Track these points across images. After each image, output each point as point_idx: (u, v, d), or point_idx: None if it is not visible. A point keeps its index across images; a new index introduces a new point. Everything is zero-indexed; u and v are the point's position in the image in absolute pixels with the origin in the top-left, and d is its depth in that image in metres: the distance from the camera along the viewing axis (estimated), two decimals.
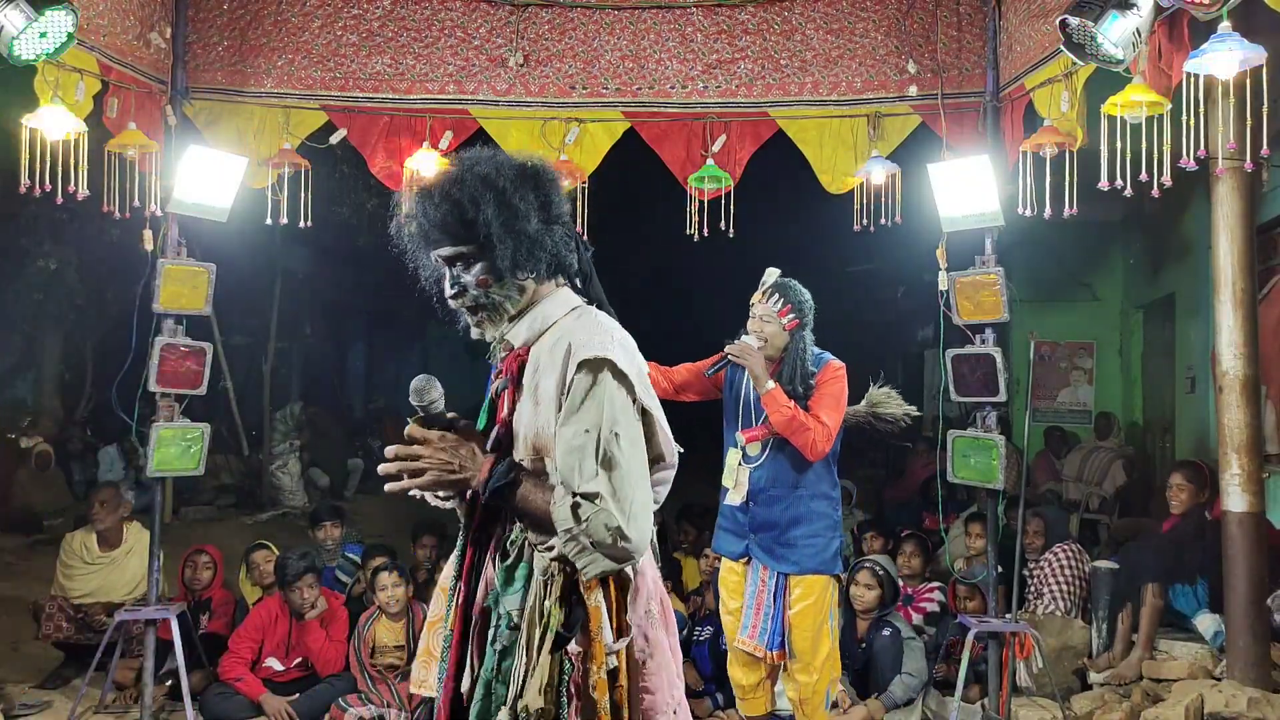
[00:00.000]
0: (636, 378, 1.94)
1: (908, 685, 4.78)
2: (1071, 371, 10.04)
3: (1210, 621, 5.05)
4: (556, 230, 2.04)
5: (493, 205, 1.96)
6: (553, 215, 2.04)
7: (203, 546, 5.59)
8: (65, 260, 9.31)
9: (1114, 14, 3.30)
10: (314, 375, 15.07)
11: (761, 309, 3.77)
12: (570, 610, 1.94)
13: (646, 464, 1.94)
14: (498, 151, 2.10)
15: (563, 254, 2.05)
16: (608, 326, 2.01)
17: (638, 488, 1.88)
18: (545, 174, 2.06)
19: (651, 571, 2.07)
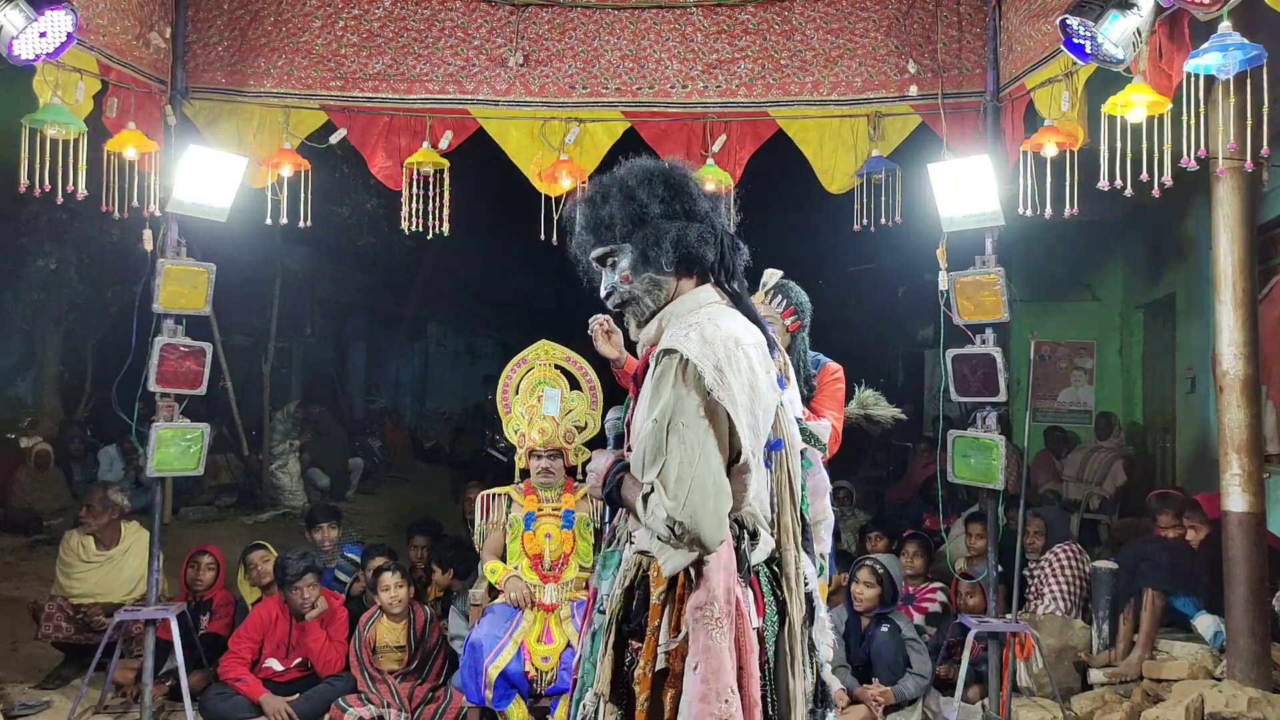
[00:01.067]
0: (711, 369, 1.92)
1: (918, 684, 4.79)
2: (1072, 371, 10.03)
3: (1210, 621, 5.05)
4: (689, 226, 2.06)
5: (618, 201, 2.07)
6: (683, 210, 2.08)
7: (206, 547, 5.59)
8: (65, 260, 9.30)
9: (1114, 14, 3.30)
10: (314, 375, 15.04)
11: (765, 310, 3.74)
12: (633, 602, 2.02)
13: (715, 457, 1.91)
14: (651, 158, 2.18)
15: (695, 248, 2.06)
16: (706, 324, 2.00)
17: (697, 479, 1.88)
18: (675, 172, 2.12)
19: (722, 578, 1.96)
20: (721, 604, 1.94)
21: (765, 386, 2.03)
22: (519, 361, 4.95)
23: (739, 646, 1.97)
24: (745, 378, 1.96)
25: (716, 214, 2.14)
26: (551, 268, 18.22)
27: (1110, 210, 8.14)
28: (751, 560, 2.05)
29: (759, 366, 2.02)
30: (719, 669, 1.91)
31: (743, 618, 1.99)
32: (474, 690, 4.30)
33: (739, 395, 1.94)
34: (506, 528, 4.68)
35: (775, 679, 2.07)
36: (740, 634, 1.97)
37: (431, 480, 13.02)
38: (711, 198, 2.17)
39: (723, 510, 1.91)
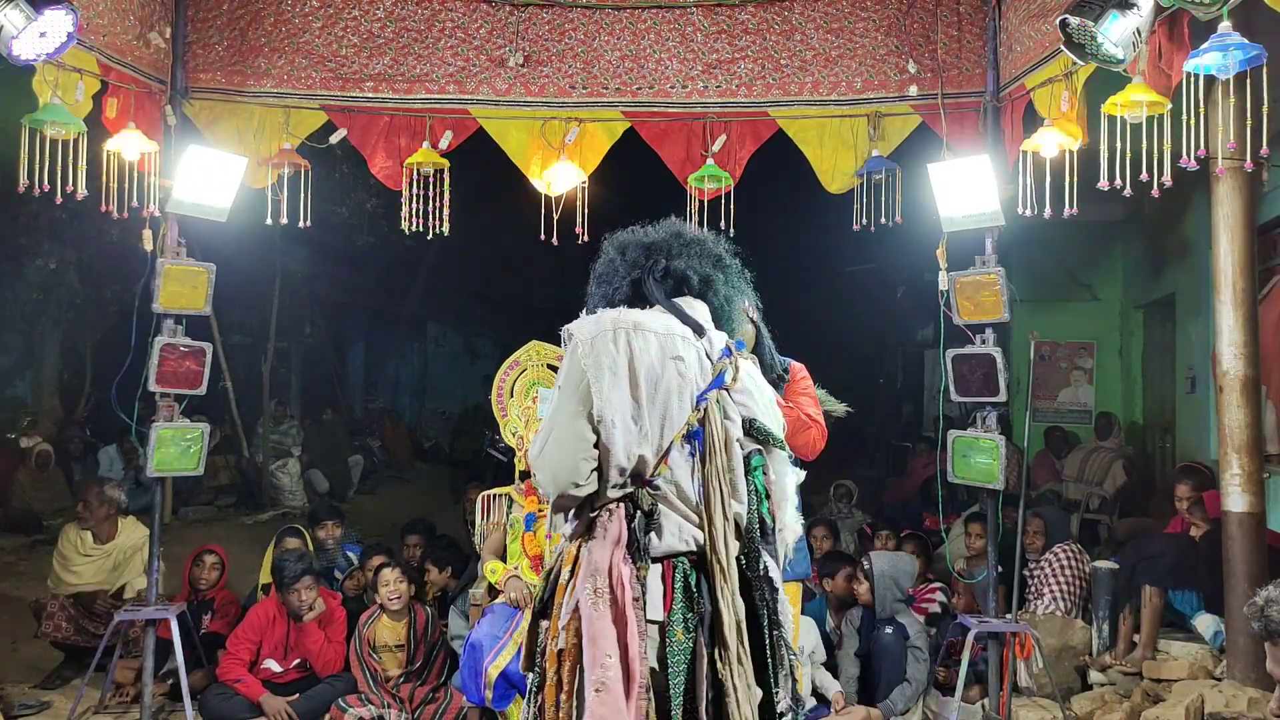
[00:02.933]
0: (587, 340, 2.19)
1: (908, 696, 4.78)
2: (1071, 371, 10.03)
3: (1210, 621, 5.05)
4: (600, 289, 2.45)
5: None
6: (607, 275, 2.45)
7: (211, 547, 5.59)
8: (65, 260, 9.30)
9: (1114, 14, 3.30)
10: (314, 375, 15.05)
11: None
12: (548, 588, 2.23)
13: (572, 411, 2.15)
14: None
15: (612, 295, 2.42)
16: (616, 311, 2.30)
17: (554, 431, 2.15)
18: (605, 245, 2.49)
19: (602, 553, 2.12)
20: (603, 578, 2.10)
21: (666, 369, 2.19)
22: (512, 364, 4.94)
23: (619, 623, 2.07)
24: (626, 352, 2.17)
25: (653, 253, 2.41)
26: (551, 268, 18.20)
27: (1110, 210, 8.16)
28: (646, 542, 2.13)
29: (656, 349, 2.20)
30: (595, 635, 2.06)
31: (625, 594, 2.08)
32: (474, 690, 4.29)
33: (606, 362, 2.16)
34: (507, 528, 4.67)
35: (695, 678, 2.10)
36: (620, 611, 2.08)
37: (431, 480, 13.04)
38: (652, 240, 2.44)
39: (575, 455, 2.11)
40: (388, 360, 18.12)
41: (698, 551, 2.18)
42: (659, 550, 2.16)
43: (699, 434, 2.22)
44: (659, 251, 2.41)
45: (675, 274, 2.38)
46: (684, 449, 2.21)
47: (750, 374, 2.39)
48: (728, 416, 2.26)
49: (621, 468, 2.14)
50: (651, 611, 2.13)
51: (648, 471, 2.17)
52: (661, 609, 2.13)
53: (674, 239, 2.44)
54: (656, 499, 2.18)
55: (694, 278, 2.40)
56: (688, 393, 2.21)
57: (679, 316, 2.31)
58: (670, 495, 2.19)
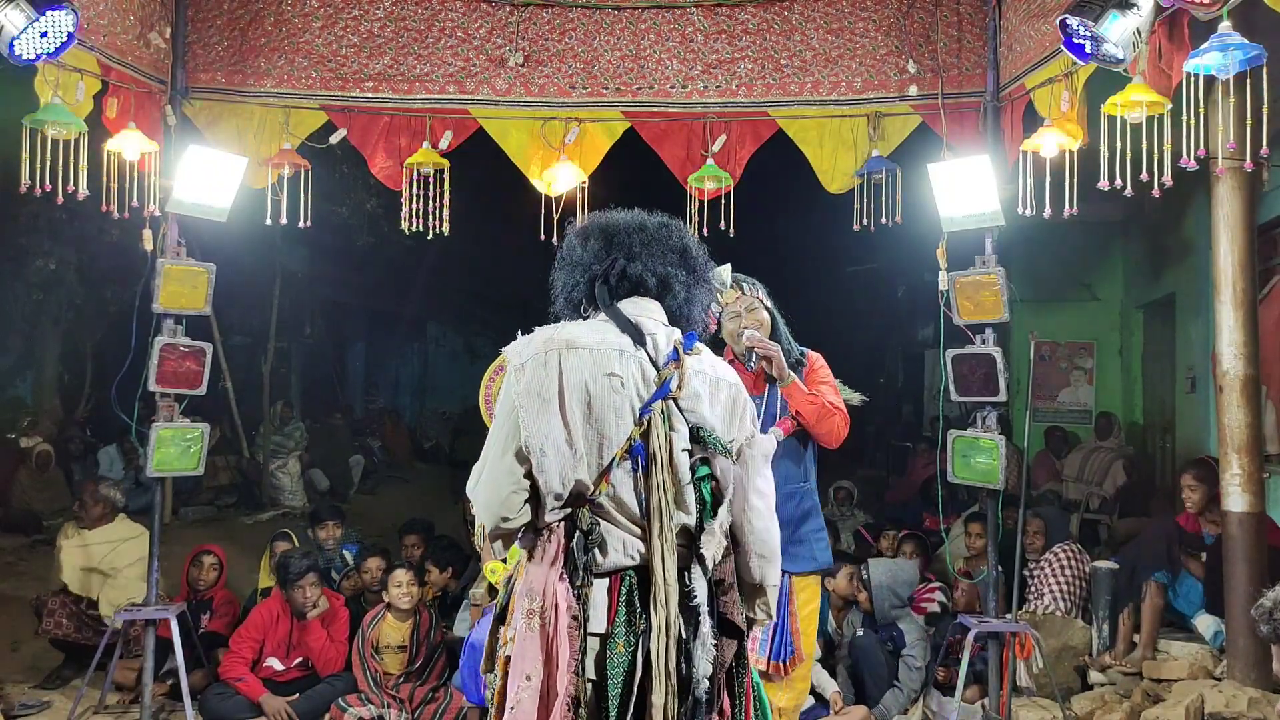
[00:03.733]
0: (516, 366, 2.19)
1: (901, 701, 4.79)
2: (1071, 371, 10.04)
3: (1210, 621, 5.05)
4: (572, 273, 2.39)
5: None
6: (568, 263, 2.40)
7: (210, 547, 5.59)
8: (65, 260, 9.29)
9: (1114, 14, 3.30)
10: (314, 375, 15.06)
11: (745, 302, 3.62)
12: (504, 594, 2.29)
13: (506, 442, 2.15)
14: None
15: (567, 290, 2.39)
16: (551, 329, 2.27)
17: (487, 463, 2.18)
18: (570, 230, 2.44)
19: (538, 574, 2.17)
20: (536, 596, 2.15)
21: (599, 387, 2.16)
22: (499, 367, 4.93)
23: (550, 641, 2.12)
24: (555, 373, 2.16)
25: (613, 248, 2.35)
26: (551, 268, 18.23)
27: (1110, 210, 8.16)
28: (585, 561, 2.13)
29: (589, 367, 2.17)
30: (520, 655, 2.14)
31: (560, 615, 2.12)
32: (474, 690, 4.29)
33: (534, 387, 2.15)
34: None
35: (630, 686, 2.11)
36: (553, 629, 2.12)
37: (431, 480, 13.03)
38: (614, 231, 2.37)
39: (503, 490, 2.13)
40: (388, 360, 18.13)
41: (643, 564, 2.17)
42: (605, 567, 2.16)
43: (641, 448, 2.18)
44: (619, 248, 2.35)
45: (631, 277, 2.32)
46: (625, 464, 2.18)
47: (703, 371, 2.29)
48: (673, 428, 2.21)
49: (557, 494, 2.14)
50: (594, 625, 2.14)
51: (588, 492, 2.16)
52: (605, 622, 2.15)
53: (636, 233, 2.37)
54: (598, 516, 2.16)
55: (651, 280, 2.33)
56: (626, 408, 2.17)
57: (619, 324, 2.25)
58: (613, 511, 2.17)
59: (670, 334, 2.28)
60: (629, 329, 2.23)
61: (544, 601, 2.13)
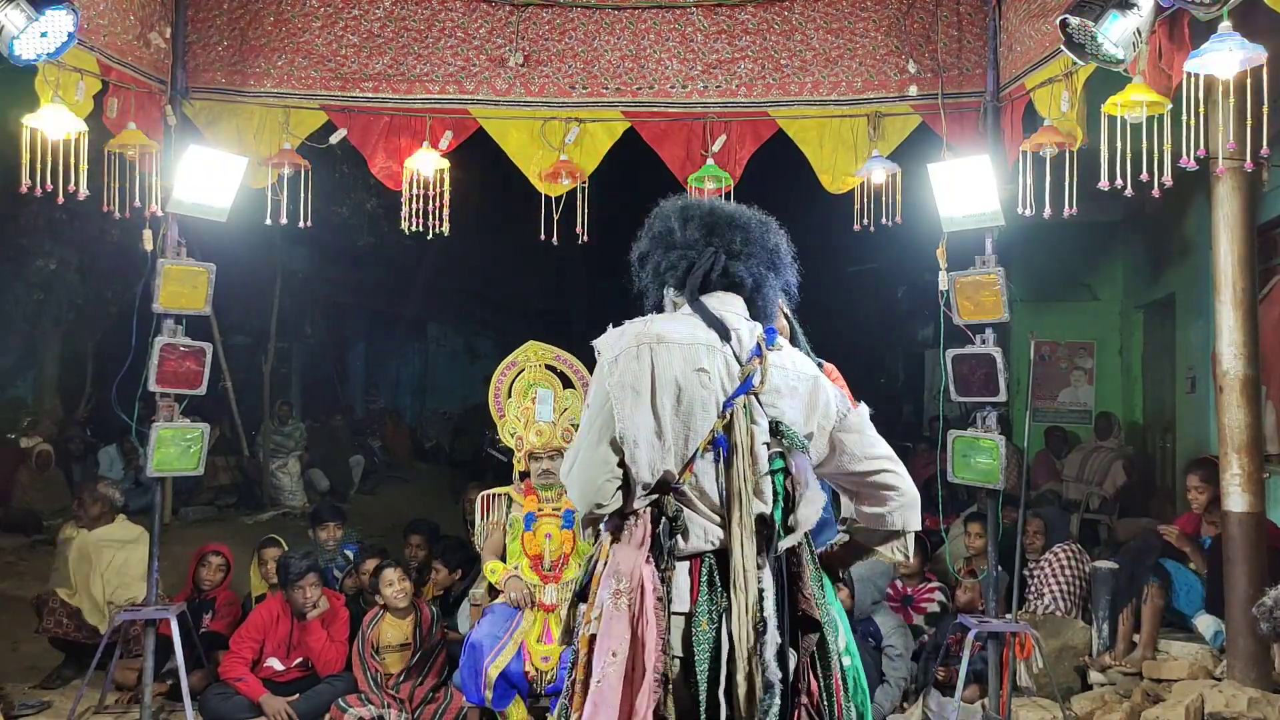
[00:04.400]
0: (610, 358, 2.26)
1: (892, 696, 4.78)
2: (1071, 371, 10.03)
3: (1210, 621, 5.05)
4: (668, 254, 2.41)
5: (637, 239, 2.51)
6: (663, 242, 2.43)
7: (218, 547, 5.59)
8: (65, 260, 9.30)
9: (1114, 14, 3.29)
10: (315, 375, 15.07)
11: None
12: (586, 574, 2.40)
13: (596, 433, 2.24)
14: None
15: (665, 272, 2.41)
16: (642, 323, 2.32)
17: (581, 451, 2.27)
18: (667, 207, 2.47)
19: (626, 556, 2.24)
20: (624, 578, 2.22)
21: (690, 382, 2.24)
22: (509, 365, 4.93)
23: (637, 621, 2.19)
24: (649, 368, 2.23)
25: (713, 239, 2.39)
26: (551, 268, 18.20)
27: (1110, 210, 8.16)
28: (670, 546, 2.24)
29: (679, 362, 2.25)
30: (606, 633, 2.21)
31: (646, 596, 2.20)
32: (474, 690, 4.30)
33: (628, 380, 2.22)
34: (506, 528, 4.68)
35: (716, 663, 2.22)
36: (640, 610, 2.20)
37: (431, 480, 13.04)
38: (715, 221, 2.41)
39: (598, 478, 2.23)
40: (388, 360, 18.13)
41: (721, 548, 2.28)
42: (686, 550, 2.26)
43: (723, 440, 2.27)
44: (720, 240, 2.40)
45: (730, 275, 2.39)
46: (707, 455, 2.27)
47: (784, 366, 2.38)
48: (754, 421, 2.30)
49: (646, 483, 2.24)
50: (678, 605, 2.24)
51: (673, 481, 2.26)
52: (688, 601, 2.25)
53: (739, 231, 2.42)
54: (681, 504, 2.27)
55: (748, 280, 2.41)
56: (712, 402, 2.26)
57: (705, 319, 2.32)
58: (695, 499, 2.28)
59: (753, 329, 2.36)
60: (715, 324, 2.31)
61: (631, 583, 2.22)
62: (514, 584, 4.46)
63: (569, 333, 17.68)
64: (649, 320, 2.34)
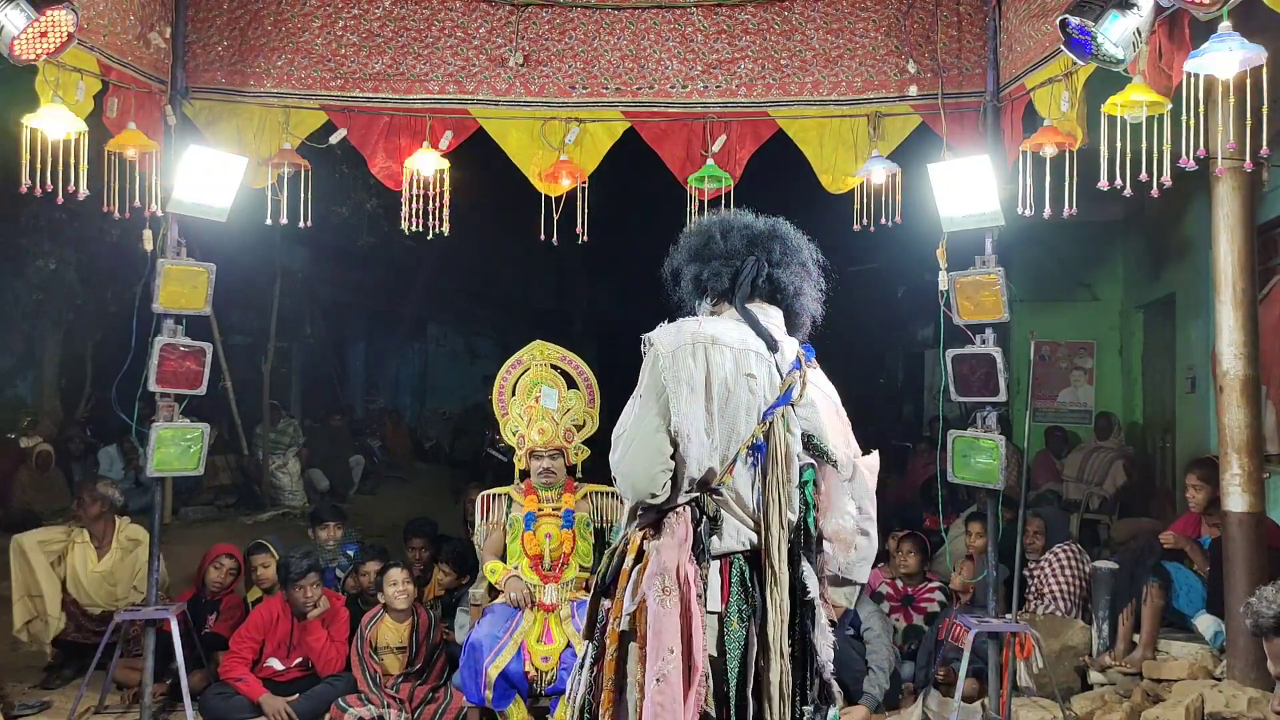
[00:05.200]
0: (668, 353, 2.28)
1: (880, 682, 4.77)
2: (1071, 371, 10.03)
3: (1210, 621, 5.05)
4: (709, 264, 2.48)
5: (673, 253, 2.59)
6: (704, 253, 2.50)
7: (230, 549, 5.58)
8: (65, 260, 9.29)
9: (1114, 14, 3.30)
10: (314, 375, 15.06)
11: None
12: (611, 569, 2.39)
13: (655, 423, 2.26)
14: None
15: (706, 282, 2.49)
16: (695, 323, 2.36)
17: (636, 439, 2.26)
18: (706, 221, 2.57)
19: (671, 554, 2.26)
20: (670, 577, 2.24)
21: (738, 385, 2.31)
22: (514, 363, 4.94)
23: (685, 618, 2.23)
24: (704, 367, 2.28)
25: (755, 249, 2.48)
26: (551, 268, 18.21)
27: (1110, 210, 8.16)
28: (710, 545, 2.30)
29: (731, 365, 2.31)
30: (660, 631, 2.22)
31: (690, 592, 2.24)
32: (474, 690, 4.30)
33: (684, 376, 2.26)
34: (506, 528, 4.68)
35: (742, 662, 2.29)
36: (686, 607, 2.23)
37: (431, 480, 13.03)
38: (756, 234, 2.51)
39: (654, 467, 2.24)
40: (388, 360, 18.12)
41: (751, 550, 2.35)
42: (718, 549, 2.32)
43: (763, 447, 2.35)
44: (761, 250, 2.48)
45: (775, 282, 2.48)
46: (747, 460, 2.34)
47: (817, 383, 2.50)
48: (790, 431, 2.39)
49: (692, 478, 2.28)
50: (711, 604, 2.29)
51: (714, 480, 2.31)
52: (720, 601, 2.30)
53: (779, 241, 2.52)
54: (719, 505, 2.32)
55: (790, 289, 2.49)
56: (755, 407, 2.34)
57: (754, 328, 2.40)
58: (730, 501, 2.33)
59: (793, 344, 2.47)
60: (764, 334, 2.39)
61: (678, 581, 2.24)
62: (514, 584, 4.46)
63: (569, 333, 17.70)
64: (702, 321, 2.39)
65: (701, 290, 2.51)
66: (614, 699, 2.30)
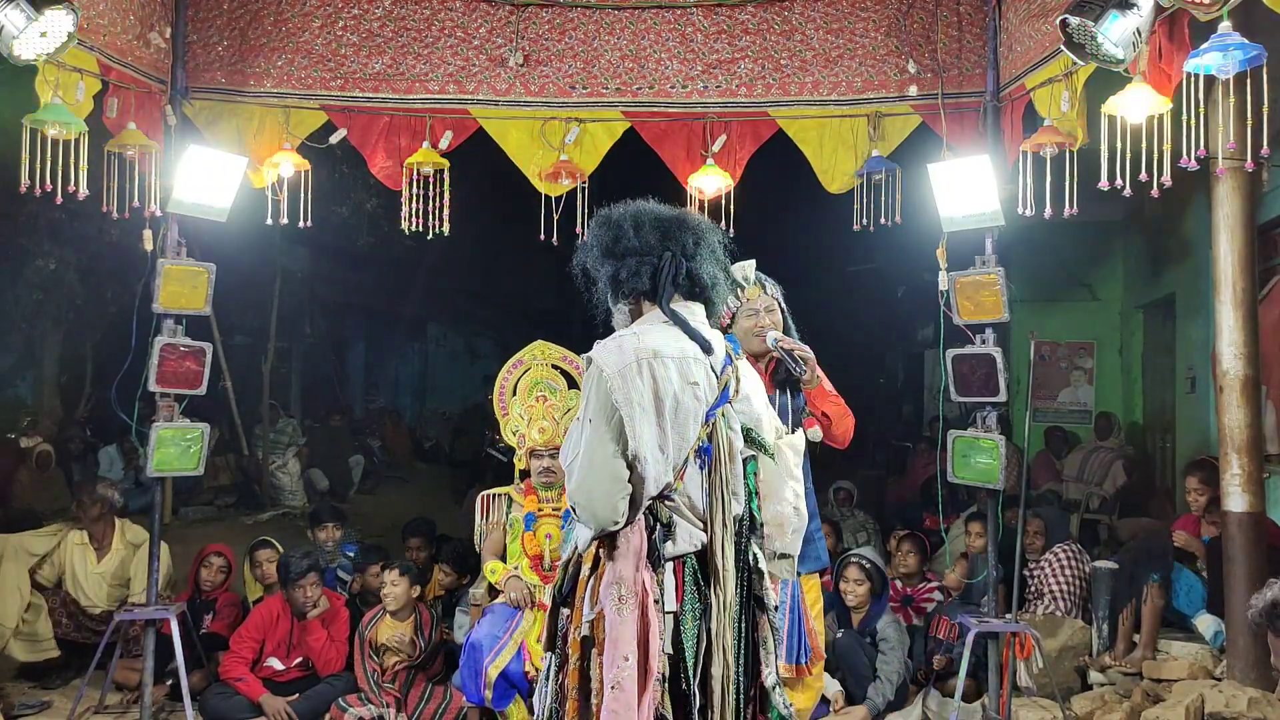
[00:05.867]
0: (615, 374, 2.24)
1: (884, 692, 4.78)
2: (1071, 371, 10.03)
3: (1210, 621, 5.05)
4: (625, 261, 2.39)
5: (586, 248, 2.48)
6: (617, 249, 2.40)
7: (219, 548, 5.58)
8: (65, 260, 9.29)
9: (1114, 14, 3.30)
10: (314, 375, 15.06)
11: (764, 301, 3.55)
12: (567, 579, 2.41)
13: (610, 449, 2.23)
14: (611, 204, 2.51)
15: (627, 282, 2.40)
16: (627, 337, 2.32)
17: (594, 467, 2.22)
18: (615, 214, 2.44)
19: (627, 563, 2.28)
20: (627, 585, 2.26)
21: (685, 395, 2.30)
22: (515, 363, 4.94)
23: (642, 623, 2.26)
24: (650, 384, 2.25)
25: (668, 243, 2.40)
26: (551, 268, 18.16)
27: (1110, 210, 8.16)
28: (665, 551, 2.32)
29: (676, 377, 2.29)
30: (617, 639, 2.24)
31: (647, 598, 2.27)
32: (474, 690, 4.30)
33: (635, 397, 2.23)
34: (506, 528, 4.68)
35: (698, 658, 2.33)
36: (644, 612, 2.26)
37: (431, 480, 13.03)
38: (667, 225, 2.41)
39: (614, 496, 2.22)
40: (388, 360, 18.12)
41: (702, 549, 2.38)
42: (671, 553, 2.34)
43: (709, 449, 2.37)
44: (676, 244, 2.41)
45: (694, 277, 2.41)
46: (695, 462, 2.36)
47: (746, 374, 2.49)
48: (731, 428, 2.43)
49: (651, 495, 2.29)
50: (667, 604, 2.31)
51: (669, 490, 2.33)
52: (675, 601, 2.33)
53: (690, 231, 2.44)
54: (672, 511, 2.34)
55: (708, 282, 2.44)
56: (701, 413, 2.34)
57: (685, 330, 2.36)
58: (682, 506, 2.36)
59: (719, 338, 2.45)
60: (696, 337, 2.36)
61: (635, 588, 2.27)
62: (514, 584, 4.46)
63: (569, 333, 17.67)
64: (638, 333, 2.34)
65: (620, 291, 2.44)
66: (579, 706, 2.31)
